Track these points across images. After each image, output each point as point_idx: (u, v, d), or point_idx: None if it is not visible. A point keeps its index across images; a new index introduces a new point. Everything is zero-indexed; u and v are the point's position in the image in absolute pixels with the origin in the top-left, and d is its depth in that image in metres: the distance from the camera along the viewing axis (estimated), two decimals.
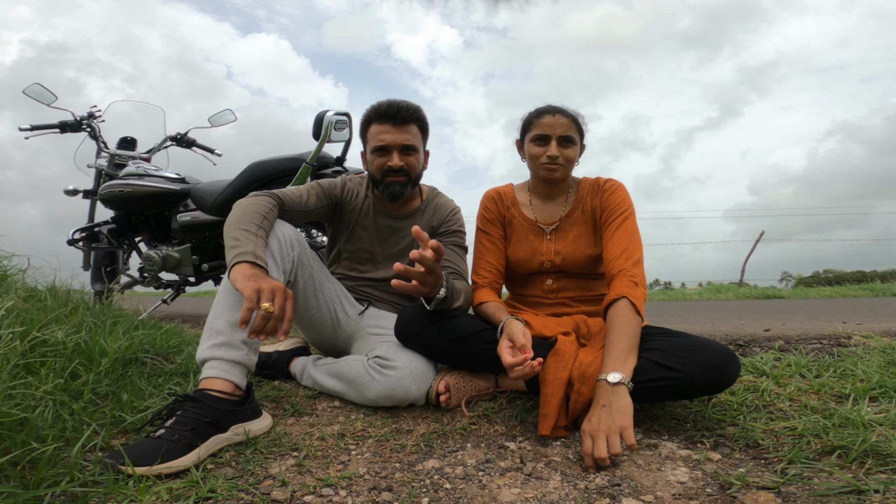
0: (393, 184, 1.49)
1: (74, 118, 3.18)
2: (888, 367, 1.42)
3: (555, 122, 1.37)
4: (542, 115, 1.39)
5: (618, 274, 1.26)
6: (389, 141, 1.46)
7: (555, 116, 1.37)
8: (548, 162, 1.38)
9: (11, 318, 1.23)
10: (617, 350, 1.10)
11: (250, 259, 1.11)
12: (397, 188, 1.50)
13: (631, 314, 1.15)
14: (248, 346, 1.13)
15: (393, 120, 1.46)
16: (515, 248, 1.47)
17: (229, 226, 1.22)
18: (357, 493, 0.87)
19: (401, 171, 1.48)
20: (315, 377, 1.42)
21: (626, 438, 0.96)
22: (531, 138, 1.41)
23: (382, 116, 1.47)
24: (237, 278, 1.07)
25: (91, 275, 3.21)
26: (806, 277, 16.34)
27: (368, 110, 1.50)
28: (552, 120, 1.37)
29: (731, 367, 1.07)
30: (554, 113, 1.38)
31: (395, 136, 1.46)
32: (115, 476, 0.84)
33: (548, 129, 1.37)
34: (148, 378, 1.35)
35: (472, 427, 1.18)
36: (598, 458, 0.95)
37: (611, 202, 1.39)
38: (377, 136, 1.47)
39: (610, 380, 1.04)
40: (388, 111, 1.46)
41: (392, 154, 1.47)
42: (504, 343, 1.13)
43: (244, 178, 2.50)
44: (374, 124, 1.48)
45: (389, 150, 1.47)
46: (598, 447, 0.95)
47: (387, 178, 1.49)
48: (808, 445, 0.99)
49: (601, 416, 1.00)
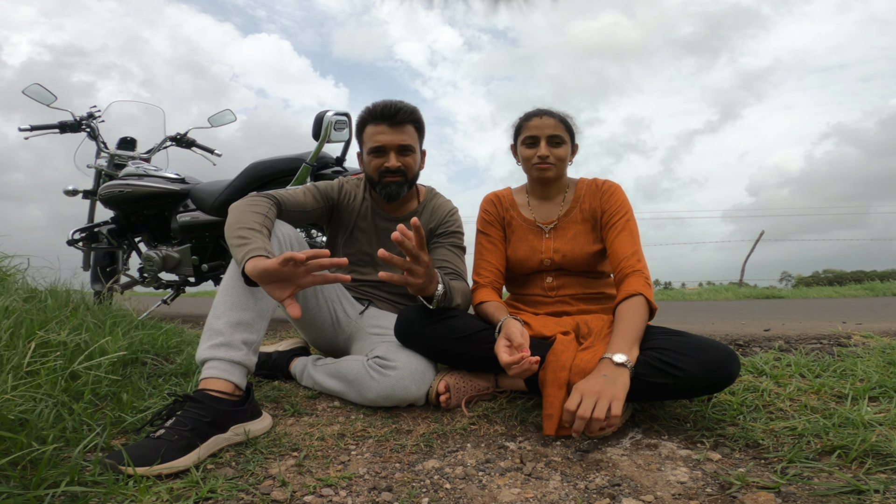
0: (390, 184, 1.49)
1: (74, 118, 3.18)
2: (888, 367, 1.42)
3: (542, 124, 1.43)
4: (530, 119, 1.45)
5: (632, 273, 1.30)
6: (386, 142, 1.46)
7: (542, 118, 1.43)
8: (539, 162, 1.42)
9: (12, 318, 1.24)
10: (625, 337, 1.13)
11: (263, 254, 1.11)
12: (394, 188, 1.50)
13: (644, 311, 1.20)
14: (247, 346, 1.13)
15: (389, 121, 1.46)
16: (515, 247, 1.48)
17: (232, 226, 1.21)
18: (357, 493, 0.87)
19: (398, 171, 1.48)
20: (315, 377, 1.42)
21: (613, 408, 0.98)
22: (522, 141, 1.46)
23: (378, 117, 1.46)
24: (256, 266, 1.06)
25: (91, 275, 3.21)
26: (806, 277, 16.35)
27: (364, 111, 1.50)
28: (540, 122, 1.43)
29: (731, 366, 1.08)
30: (541, 115, 1.44)
31: (391, 136, 1.46)
32: (115, 476, 0.84)
33: (536, 130, 1.43)
34: (148, 378, 1.35)
35: (472, 427, 1.19)
36: (579, 415, 0.97)
37: (612, 203, 1.43)
38: (374, 137, 1.47)
39: (615, 359, 1.07)
40: (385, 112, 1.46)
41: (389, 155, 1.47)
42: (501, 342, 1.14)
43: (244, 178, 2.50)
44: (371, 125, 1.48)
45: (386, 150, 1.47)
46: (585, 405, 0.98)
47: (384, 178, 1.49)
48: (808, 445, 0.99)
49: (598, 381, 1.03)
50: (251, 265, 1.07)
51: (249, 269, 1.07)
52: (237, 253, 1.14)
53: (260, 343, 1.18)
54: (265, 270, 1.04)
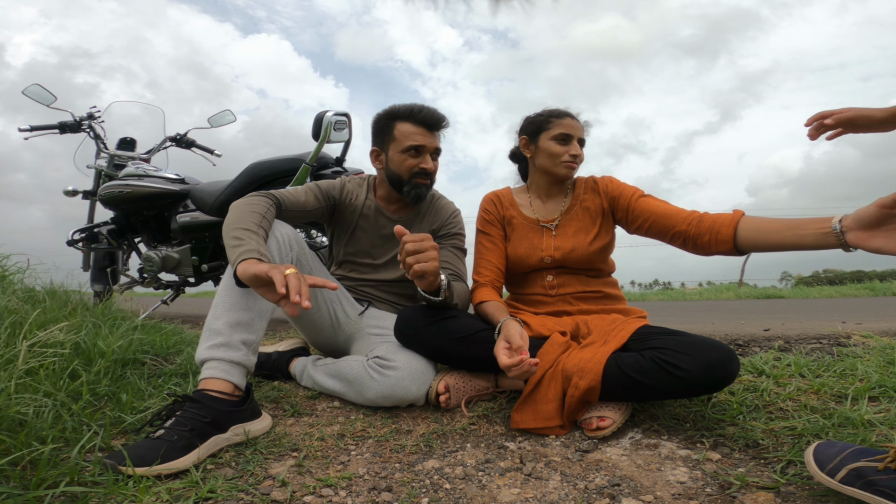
0: (420, 185, 1.50)
1: (74, 119, 3.18)
2: (888, 367, 1.42)
3: (575, 125, 1.47)
4: (562, 117, 1.47)
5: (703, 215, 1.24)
6: (425, 143, 1.48)
7: (573, 120, 1.47)
8: (571, 160, 1.45)
9: (11, 318, 1.23)
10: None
11: (255, 256, 1.10)
12: (424, 190, 1.52)
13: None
14: (247, 346, 1.13)
15: (431, 126, 1.49)
16: (515, 245, 1.48)
17: (229, 226, 1.21)
18: (357, 493, 0.87)
19: (430, 174, 1.51)
20: (315, 377, 1.42)
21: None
22: (553, 136, 1.46)
23: (418, 120, 1.48)
24: (247, 270, 1.04)
25: (90, 275, 3.21)
26: (806, 277, 16.35)
27: (399, 109, 1.50)
28: (573, 122, 1.47)
29: (731, 365, 1.08)
30: (572, 117, 1.48)
31: (430, 139, 1.49)
32: (114, 476, 0.84)
33: (570, 129, 1.45)
34: (147, 378, 1.35)
35: (471, 427, 1.19)
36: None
37: (619, 189, 1.46)
38: (412, 136, 1.47)
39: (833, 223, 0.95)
40: (427, 117, 1.48)
41: (426, 157, 1.49)
42: (501, 344, 1.14)
43: (244, 178, 2.50)
44: (408, 123, 1.48)
45: (424, 151, 1.49)
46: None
47: (415, 178, 1.50)
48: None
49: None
50: (242, 268, 1.06)
51: (240, 271, 1.06)
52: (231, 254, 1.13)
53: (259, 343, 1.18)
54: (255, 276, 1.03)
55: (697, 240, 1.24)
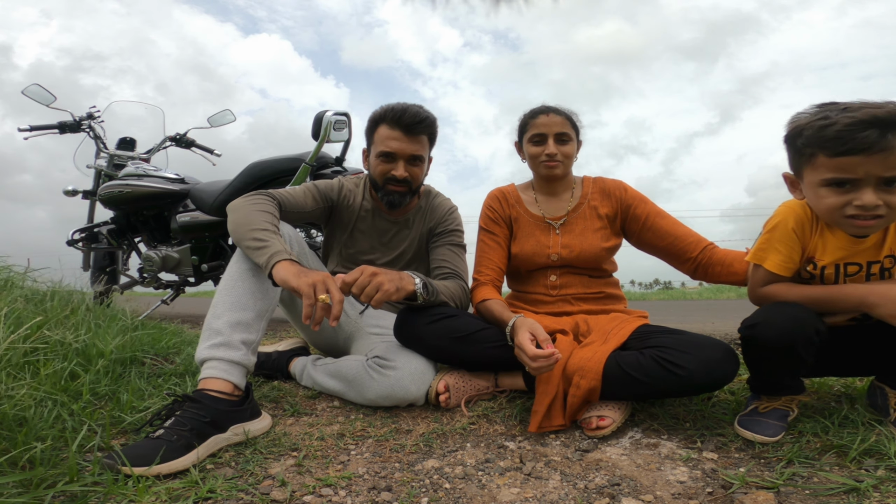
0: (393, 192, 1.47)
1: (73, 119, 3.18)
2: None
3: (550, 121, 1.41)
4: (536, 116, 1.43)
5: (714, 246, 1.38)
6: (397, 149, 1.43)
7: (549, 115, 1.42)
8: (547, 160, 1.42)
9: (12, 318, 1.23)
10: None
11: (287, 257, 1.12)
12: (396, 198, 1.48)
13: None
14: (246, 346, 1.13)
15: (407, 129, 1.42)
16: (522, 242, 1.47)
17: (243, 226, 1.20)
18: (357, 493, 0.87)
19: (403, 181, 1.45)
20: (314, 377, 1.42)
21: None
22: (528, 138, 1.44)
23: (395, 123, 1.42)
24: (287, 277, 1.08)
25: (91, 275, 3.21)
26: None
27: (382, 110, 1.45)
28: (547, 119, 1.42)
29: (731, 364, 1.08)
30: (548, 112, 1.42)
31: (404, 145, 1.43)
32: (114, 476, 0.84)
33: (543, 128, 1.42)
34: (147, 378, 1.35)
35: (471, 427, 1.18)
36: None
37: (633, 199, 1.46)
38: (385, 142, 1.43)
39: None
40: (403, 119, 1.41)
41: (398, 163, 1.44)
42: (526, 335, 1.13)
43: (243, 178, 2.50)
44: (385, 127, 1.43)
45: (396, 158, 1.44)
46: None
47: (388, 185, 1.46)
48: (808, 445, 0.99)
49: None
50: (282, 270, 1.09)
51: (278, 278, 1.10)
52: (259, 256, 1.14)
53: (259, 343, 1.18)
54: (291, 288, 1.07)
55: (709, 269, 1.36)
